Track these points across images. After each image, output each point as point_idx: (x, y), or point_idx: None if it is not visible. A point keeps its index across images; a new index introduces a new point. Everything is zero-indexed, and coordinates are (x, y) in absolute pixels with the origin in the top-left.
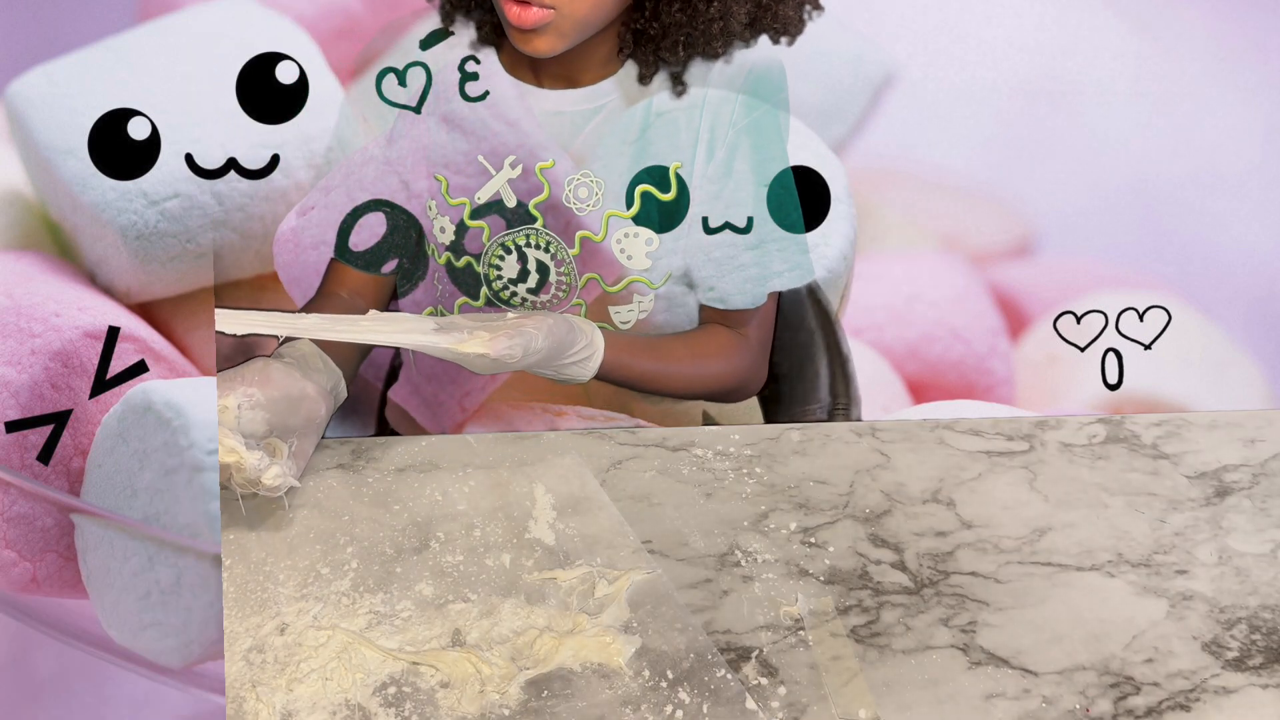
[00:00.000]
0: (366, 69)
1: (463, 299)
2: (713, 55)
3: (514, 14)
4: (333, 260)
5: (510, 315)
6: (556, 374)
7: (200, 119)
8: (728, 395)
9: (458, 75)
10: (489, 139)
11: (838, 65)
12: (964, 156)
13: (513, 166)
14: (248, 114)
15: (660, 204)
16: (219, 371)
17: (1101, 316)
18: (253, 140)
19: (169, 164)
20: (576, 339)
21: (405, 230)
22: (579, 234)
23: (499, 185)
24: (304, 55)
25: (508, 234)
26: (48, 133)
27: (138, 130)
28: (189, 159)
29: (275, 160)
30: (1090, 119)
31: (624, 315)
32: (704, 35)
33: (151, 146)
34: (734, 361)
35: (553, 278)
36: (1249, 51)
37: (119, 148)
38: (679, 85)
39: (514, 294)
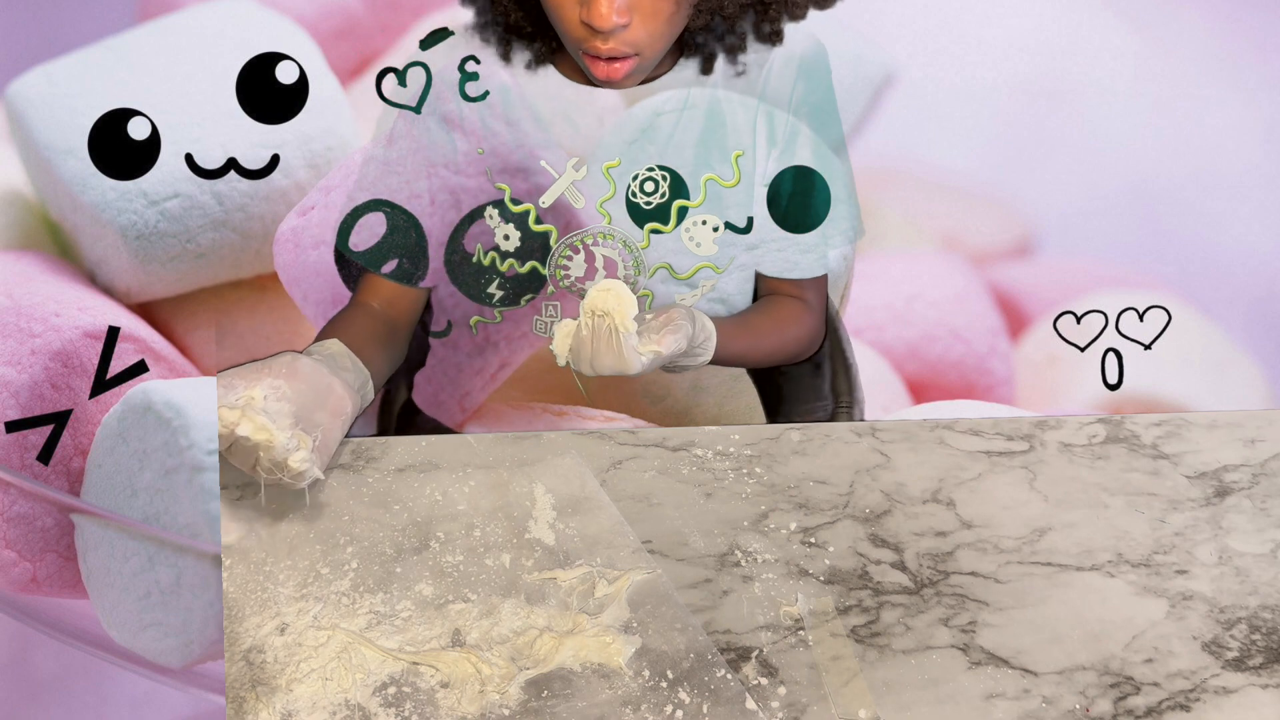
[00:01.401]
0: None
1: (528, 295)
2: (733, 51)
3: (603, 72)
4: (364, 271)
5: (647, 317)
6: (674, 365)
7: (200, 119)
8: (798, 357)
9: (458, 75)
10: (489, 139)
11: (838, 65)
12: (964, 156)
13: (576, 169)
14: (248, 114)
15: (725, 191)
16: (239, 366)
17: (1101, 316)
18: (253, 140)
19: (169, 164)
20: (698, 327)
21: (405, 230)
22: (647, 226)
23: (564, 188)
24: (304, 55)
25: (576, 235)
26: (48, 133)
27: (138, 130)
28: (189, 159)
29: (275, 160)
30: (1090, 119)
31: (688, 300)
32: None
33: (151, 146)
34: (805, 326)
35: (621, 273)
36: (1249, 51)
37: (119, 148)
38: (738, 65)
39: (582, 291)
